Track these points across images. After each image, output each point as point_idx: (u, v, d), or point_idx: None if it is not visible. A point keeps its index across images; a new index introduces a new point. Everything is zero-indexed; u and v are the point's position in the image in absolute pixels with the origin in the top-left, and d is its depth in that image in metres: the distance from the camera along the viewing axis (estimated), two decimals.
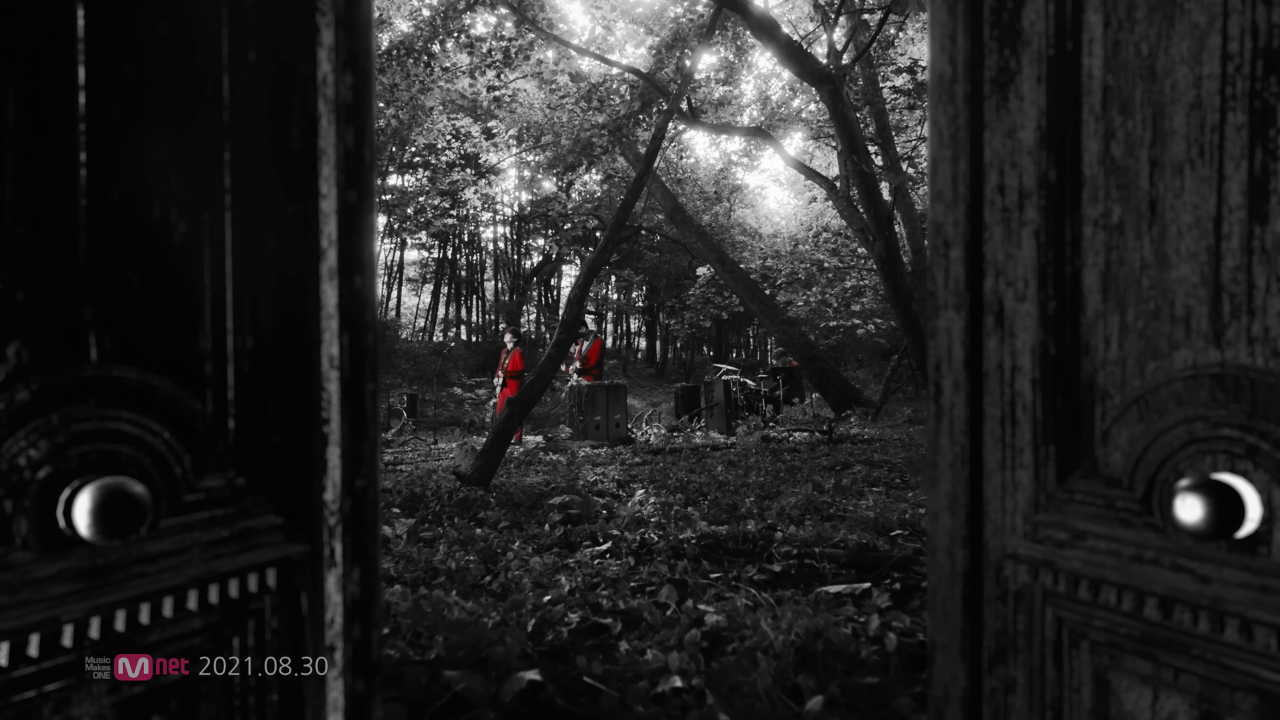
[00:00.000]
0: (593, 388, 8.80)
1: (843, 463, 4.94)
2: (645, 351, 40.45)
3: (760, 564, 2.35)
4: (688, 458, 6.57)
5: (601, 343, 9.75)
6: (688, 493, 4.13)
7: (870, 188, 8.57)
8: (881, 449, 5.87)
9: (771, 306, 15.30)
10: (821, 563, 2.32)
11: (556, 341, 4.58)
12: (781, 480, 4.44)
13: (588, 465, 5.94)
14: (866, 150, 8.29)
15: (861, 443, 6.81)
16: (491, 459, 3.95)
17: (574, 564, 2.44)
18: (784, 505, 3.44)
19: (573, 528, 3.06)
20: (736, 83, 13.41)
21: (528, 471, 5.54)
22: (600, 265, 5.05)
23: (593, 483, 4.39)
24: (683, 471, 5.25)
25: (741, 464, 5.65)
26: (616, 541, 2.73)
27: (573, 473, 5.18)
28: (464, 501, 3.64)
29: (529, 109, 14.14)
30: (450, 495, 3.74)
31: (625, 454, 7.23)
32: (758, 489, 4.13)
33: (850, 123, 8.02)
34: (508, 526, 3.24)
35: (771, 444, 7.07)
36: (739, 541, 2.51)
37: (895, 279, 9.75)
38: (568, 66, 11.90)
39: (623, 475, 5.10)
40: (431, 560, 2.68)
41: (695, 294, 17.21)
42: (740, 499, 3.86)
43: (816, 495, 3.61)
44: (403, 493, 4.01)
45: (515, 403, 4.14)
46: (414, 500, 3.85)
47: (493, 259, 34.90)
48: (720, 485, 4.29)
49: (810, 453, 6.26)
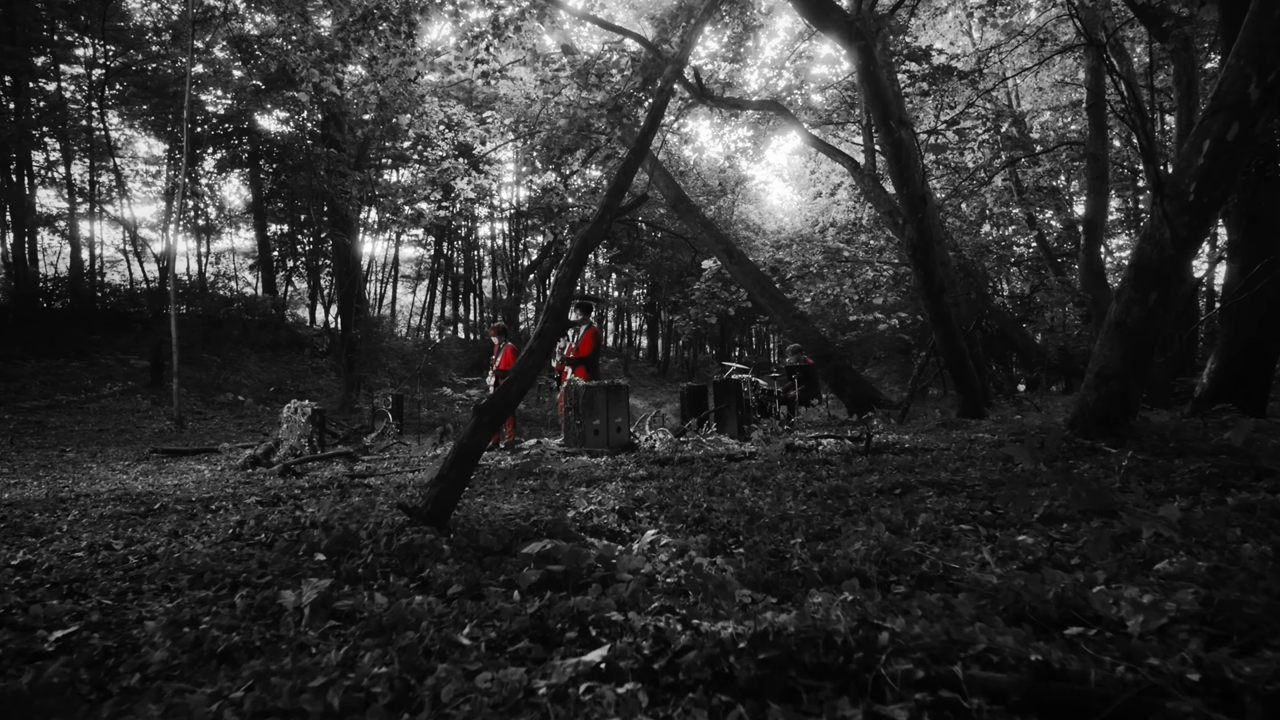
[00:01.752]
0: (591, 389, 7.81)
1: (900, 483, 3.94)
2: (647, 350, 39.44)
3: (866, 703, 1.36)
4: (701, 470, 5.58)
5: (596, 332, 8.74)
6: (712, 530, 3.14)
7: (905, 162, 7.56)
8: (936, 463, 4.87)
9: (783, 301, 14.30)
10: (973, 698, 1.33)
11: (541, 333, 3.58)
12: (830, 509, 3.45)
13: (583, 484, 4.95)
14: (901, 117, 7.29)
15: (905, 452, 5.82)
16: (449, 487, 2.95)
17: (546, 693, 1.45)
18: (851, 556, 2.45)
19: (553, 598, 2.07)
20: (743, 61, 12.40)
21: (509, 493, 4.55)
22: (596, 240, 4.06)
23: (586, 515, 3.40)
24: (699, 492, 4.26)
25: (769, 481, 4.66)
26: (617, 636, 1.75)
27: (563, 497, 4.18)
28: (408, 549, 2.65)
29: (526, 100, 13.18)
30: (392, 538, 2.75)
31: (628, 464, 6.24)
32: (802, 522, 3.13)
33: (883, 85, 7.02)
34: (460, 594, 2.25)
35: (798, 454, 6.08)
36: (819, 650, 1.51)
37: (927, 267, 8.75)
38: (561, 38, 10.90)
39: (625, 497, 4.11)
40: (329, 660, 1.69)
41: (701, 288, 16.21)
42: (785, 541, 2.87)
43: (894, 540, 2.61)
44: (335, 530, 3.02)
45: (484, 409, 3.15)
46: (345, 543, 2.86)
47: (490, 256, 33.94)
48: (752, 517, 3.29)
49: (847, 465, 5.27)
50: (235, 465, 7.97)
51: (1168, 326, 5.03)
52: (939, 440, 6.73)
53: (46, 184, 22.28)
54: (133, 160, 23.26)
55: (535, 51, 11.34)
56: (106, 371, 16.37)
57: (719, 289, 17.26)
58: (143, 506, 5.03)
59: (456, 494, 2.99)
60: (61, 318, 19.50)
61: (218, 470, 7.74)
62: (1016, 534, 2.68)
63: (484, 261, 34.25)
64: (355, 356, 16.97)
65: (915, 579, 2.25)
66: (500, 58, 11.14)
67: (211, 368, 17.53)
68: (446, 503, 2.93)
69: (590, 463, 6.61)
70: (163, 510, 4.87)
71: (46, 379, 14.84)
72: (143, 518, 4.59)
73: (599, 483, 5.07)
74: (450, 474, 2.97)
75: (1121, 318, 4.80)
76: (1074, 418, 5.06)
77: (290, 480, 6.62)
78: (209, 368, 17.57)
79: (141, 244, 21.22)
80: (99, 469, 8.02)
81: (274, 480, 6.67)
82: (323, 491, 5.81)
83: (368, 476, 6.66)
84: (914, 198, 7.80)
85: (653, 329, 38.92)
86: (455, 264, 32.85)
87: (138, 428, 11.88)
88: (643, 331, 41.09)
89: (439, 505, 2.90)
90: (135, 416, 12.86)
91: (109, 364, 16.99)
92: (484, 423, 3.14)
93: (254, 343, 20.26)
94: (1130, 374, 4.78)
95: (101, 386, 14.98)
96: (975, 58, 14.93)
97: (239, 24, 14.57)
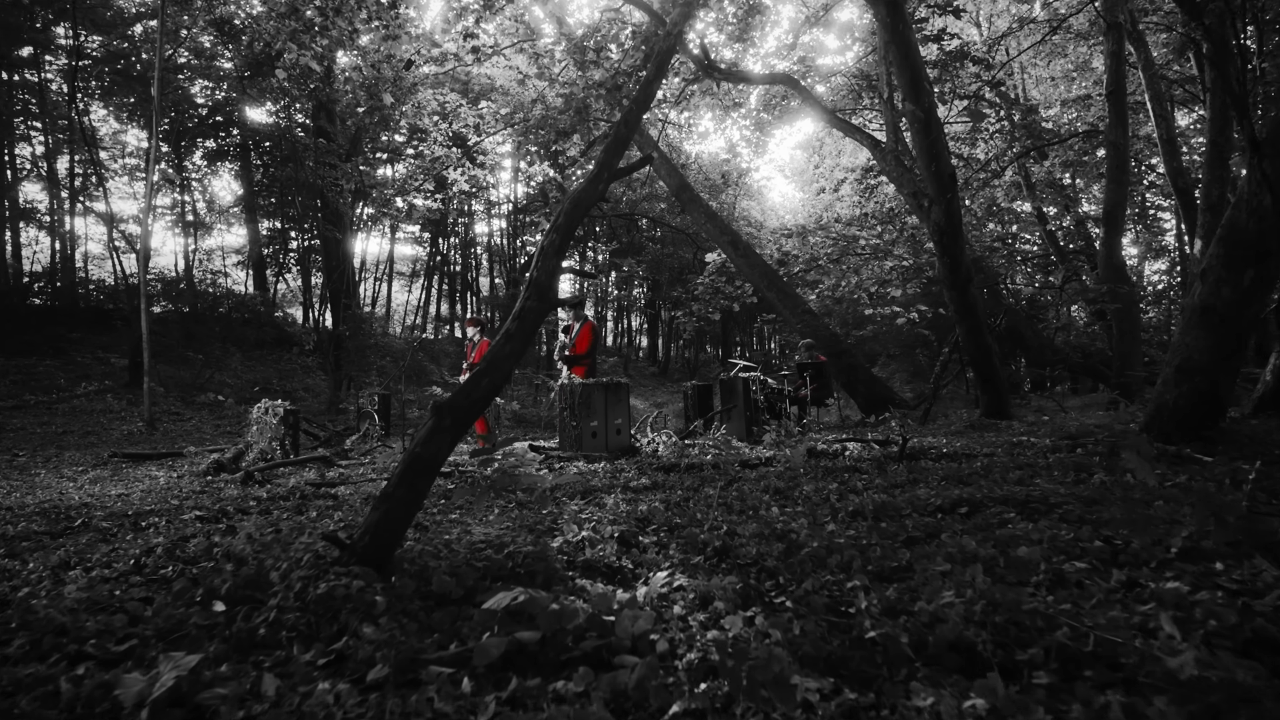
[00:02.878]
0: (588, 387, 7.09)
1: (962, 500, 3.21)
2: (647, 350, 38.63)
3: None
4: (713, 479, 4.85)
5: (593, 328, 8.02)
6: (741, 565, 2.41)
7: (935, 135, 6.83)
8: (990, 472, 4.14)
9: (791, 295, 13.57)
10: None
11: (521, 312, 2.86)
12: (885, 534, 2.72)
13: (577, 496, 4.23)
14: (930, 87, 6.57)
15: (945, 458, 5.09)
16: (395, 512, 2.23)
17: None
18: (944, 613, 1.73)
19: (524, 686, 1.35)
20: (750, 40, 11.67)
21: (489, 510, 3.82)
22: (590, 202, 3.34)
23: (577, 544, 2.67)
24: (715, 509, 3.53)
25: (796, 495, 3.93)
26: None
27: (550, 517, 3.45)
28: (328, 601, 1.93)
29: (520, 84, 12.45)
30: (309, 584, 2.02)
31: (629, 471, 5.52)
32: (856, 554, 2.40)
33: (912, 48, 6.29)
34: (385, 679, 1.52)
35: (822, 460, 5.35)
36: None
37: (954, 253, 8.02)
38: (555, 9, 10.16)
39: (627, 516, 3.39)
40: None
41: (704, 282, 15.48)
42: (840, 583, 2.15)
43: (994, 586, 1.89)
44: (247, 566, 2.30)
45: (444, 408, 2.43)
46: (254, 587, 2.14)
47: (488, 254, 33.18)
48: (789, 546, 2.57)
49: (883, 474, 4.55)
50: (198, 471, 7.24)
51: (1264, 310, 4.30)
52: (977, 444, 6.00)
53: (31, 178, 21.58)
54: (121, 154, 22.55)
55: (528, 25, 10.63)
56: (83, 370, 15.63)
57: (723, 284, 16.54)
58: (62, 524, 4.30)
59: (405, 520, 2.27)
60: (41, 315, 18.78)
61: (176, 477, 7.01)
62: (1162, 577, 1.95)
63: (481, 260, 33.54)
64: (343, 354, 16.23)
65: (1055, 656, 1.53)
66: (491, 33, 10.43)
67: (194, 366, 16.79)
68: (390, 532, 2.21)
69: (587, 469, 5.89)
70: (83, 528, 4.15)
71: (17, 378, 14.11)
72: (53, 539, 3.87)
73: (596, 495, 4.35)
74: (396, 493, 2.24)
75: (1209, 301, 4.07)
76: (1150, 418, 4.34)
77: (249, 489, 5.90)
78: (192, 366, 16.83)
79: (127, 238, 20.48)
80: (47, 475, 7.29)
81: (232, 489, 5.95)
82: (280, 503, 5.09)
83: (338, 485, 5.94)
84: (943, 175, 7.07)
85: (653, 328, 38.20)
86: (452, 262, 32.15)
87: (106, 430, 11.15)
88: (643, 331, 40.35)
89: (379, 536, 2.17)
90: (106, 418, 12.12)
91: (86, 362, 16.26)
92: (443, 426, 2.42)
93: (240, 341, 19.49)
94: (1220, 367, 4.06)
95: (75, 386, 14.23)
96: (986, 46, 14.26)
97: (220, 2, 13.85)
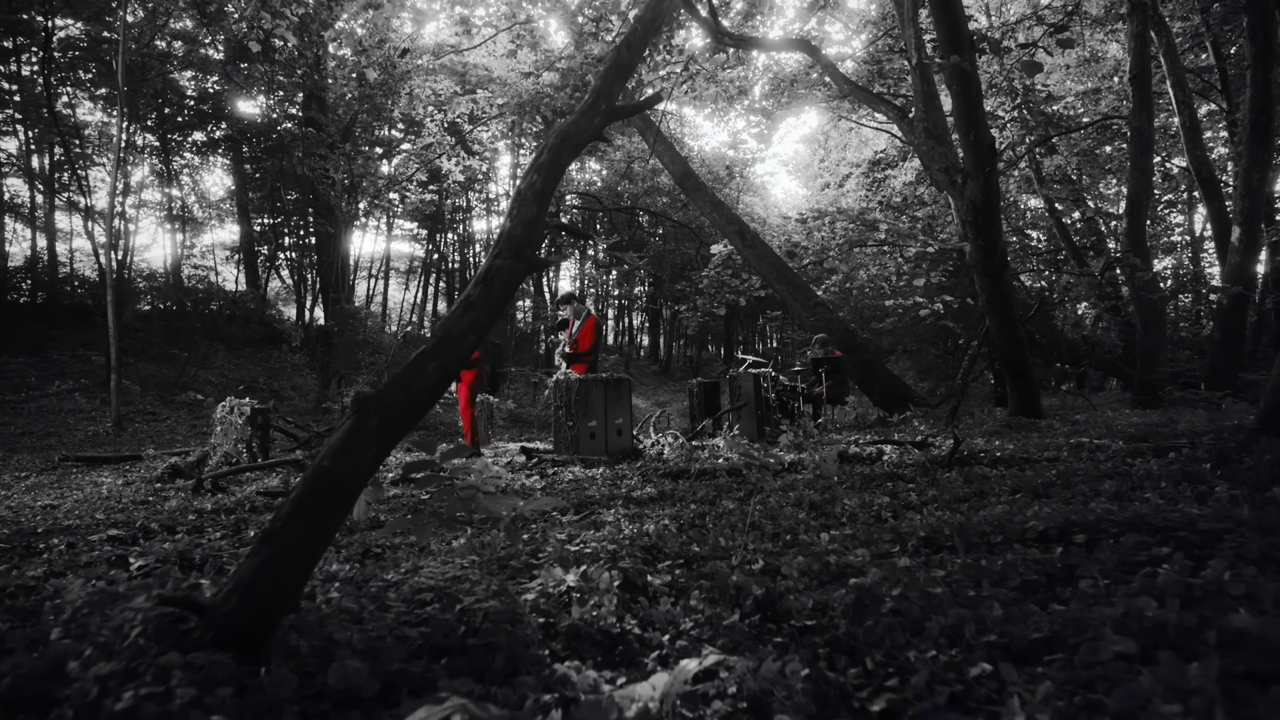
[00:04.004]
0: (586, 383, 6.35)
1: (1075, 524, 2.45)
2: (648, 348, 37.84)
3: None
4: (730, 489, 4.10)
5: (596, 323, 7.28)
6: (800, 634, 1.65)
7: (975, 99, 6.06)
8: (1068, 484, 3.38)
9: (801, 287, 12.80)
10: None
11: (488, 273, 2.10)
12: (990, 576, 1.96)
13: (569, 513, 3.47)
14: (972, 42, 5.80)
15: (1003, 464, 4.33)
16: (281, 563, 1.47)
17: None
18: None
19: None
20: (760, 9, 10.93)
21: (451, 533, 3.06)
22: (582, 139, 2.60)
23: (561, 597, 1.90)
24: (742, 531, 2.78)
25: (839, 511, 3.18)
26: None
27: (530, 547, 2.69)
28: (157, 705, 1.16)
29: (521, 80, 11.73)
30: (114, 691, 1.26)
31: (631, 478, 4.77)
32: (966, 612, 1.65)
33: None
34: None
35: (858, 466, 4.60)
36: None
37: (989, 235, 7.25)
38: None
39: (630, 543, 2.64)
40: None
41: (709, 275, 14.72)
42: (961, 667, 1.39)
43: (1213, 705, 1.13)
44: (49, 653, 1.56)
45: (368, 403, 1.68)
46: (46, 683, 1.39)
47: (486, 251, 32.48)
48: (860, 596, 1.80)
49: (934, 484, 3.79)
50: (151, 477, 6.50)
51: None
52: (1028, 446, 5.25)
53: (16, 173, 20.86)
54: (105, 147, 21.80)
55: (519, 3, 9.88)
56: (58, 368, 14.90)
57: (728, 277, 15.79)
58: None
59: (298, 573, 1.50)
60: (21, 311, 18.05)
61: (123, 485, 6.27)
62: None
63: (480, 257, 32.82)
64: (331, 351, 15.48)
65: None
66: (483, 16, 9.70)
67: (178, 364, 16.05)
68: (272, 593, 1.45)
69: (583, 475, 5.14)
70: None
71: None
72: None
73: (592, 509, 3.60)
74: (287, 533, 1.48)
75: None
76: (1265, 415, 3.58)
77: (199, 499, 5.15)
78: (175, 364, 16.10)
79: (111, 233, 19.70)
80: None
81: (180, 499, 5.21)
82: (224, 517, 4.34)
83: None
84: (982, 146, 6.31)
85: (654, 325, 37.44)
86: (450, 259, 31.47)
87: (70, 431, 10.41)
88: (644, 328, 39.59)
89: (252, 599, 1.41)
90: (73, 418, 11.39)
91: (63, 360, 15.52)
92: (368, 428, 1.66)
93: (228, 338, 18.75)
94: None
95: (48, 384, 13.50)
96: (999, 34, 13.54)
97: None
